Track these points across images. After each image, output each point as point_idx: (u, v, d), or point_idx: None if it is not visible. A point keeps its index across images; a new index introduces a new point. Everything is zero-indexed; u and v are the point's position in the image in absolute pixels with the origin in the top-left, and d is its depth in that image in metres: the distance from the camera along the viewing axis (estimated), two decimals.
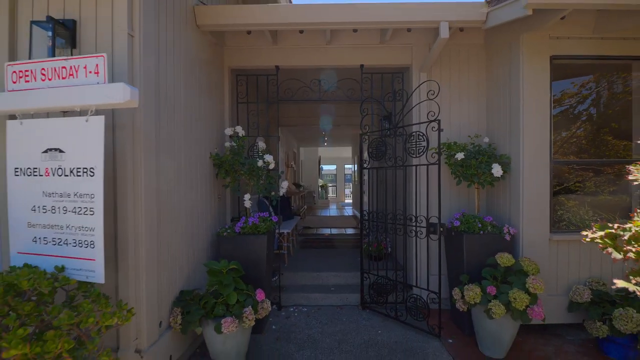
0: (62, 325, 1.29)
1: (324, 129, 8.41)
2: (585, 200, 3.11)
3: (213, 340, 2.30)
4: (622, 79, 3.22)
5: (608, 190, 3.11)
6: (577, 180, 3.16)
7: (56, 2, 2.01)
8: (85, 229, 1.57)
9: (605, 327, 2.58)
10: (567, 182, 3.16)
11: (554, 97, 3.06)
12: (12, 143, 1.69)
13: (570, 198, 3.13)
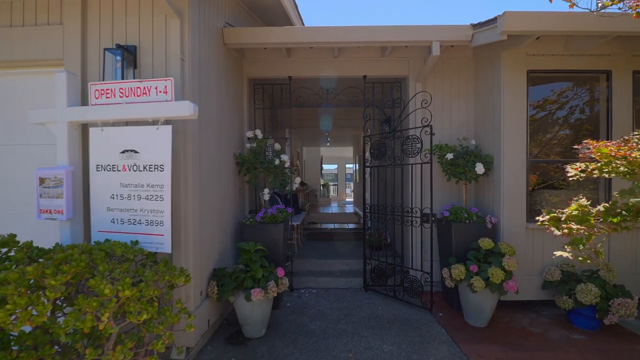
0: (148, 280, 1.77)
1: (327, 131, 8.88)
2: (562, 194, 3.59)
3: (242, 308, 2.79)
4: (590, 89, 3.70)
5: (585, 186, 3.59)
6: (558, 178, 3.64)
7: (119, 31, 2.49)
8: (156, 211, 2.05)
9: (570, 301, 3.07)
10: (549, 179, 3.65)
11: (533, 104, 3.55)
12: (94, 145, 2.17)
13: (552, 193, 3.61)
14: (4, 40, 2.54)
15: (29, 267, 1.50)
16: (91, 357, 1.45)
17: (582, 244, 1.82)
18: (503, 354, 2.66)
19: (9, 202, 2.65)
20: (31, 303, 1.39)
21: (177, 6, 2.39)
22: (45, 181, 2.10)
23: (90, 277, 1.63)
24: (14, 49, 2.54)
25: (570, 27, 2.80)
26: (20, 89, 2.66)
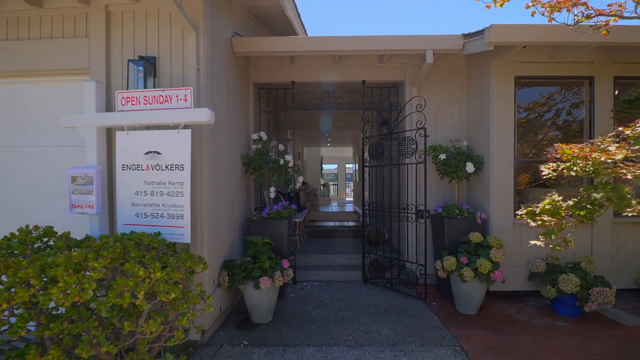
0: (173, 265, 2.01)
1: (327, 132, 9.13)
2: (552, 192, 3.83)
3: (251, 296, 3.04)
4: (576, 93, 3.95)
5: (574, 184, 3.83)
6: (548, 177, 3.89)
7: (140, 43, 2.74)
8: (176, 206, 2.30)
9: (553, 290, 3.32)
10: (540, 178, 3.88)
11: (524, 106, 3.81)
12: (121, 147, 2.42)
13: (542, 191, 3.85)
14: (35, 51, 2.79)
15: (74, 252, 1.75)
16: (129, 328, 1.69)
17: (553, 234, 2.07)
18: (490, 337, 2.91)
19: (30, 198, 2.90)
20: (79, 282, 1.64)
21: (193, 21, 2.63)
22: (76, 179, 2.35)
23: (124, 262, 1.87)
24: (43, 58, 2.79)
25: (551, 38, 3.05)
26: (49, 95, 2.91)
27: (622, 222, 3.74)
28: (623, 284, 3.74)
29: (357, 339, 2.84)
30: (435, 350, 2.66)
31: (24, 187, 2.92)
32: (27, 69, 2.83)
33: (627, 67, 3.74)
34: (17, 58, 2.81)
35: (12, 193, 2.93)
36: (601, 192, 1.83)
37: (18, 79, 2.89)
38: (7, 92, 2.93)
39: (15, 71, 2.86)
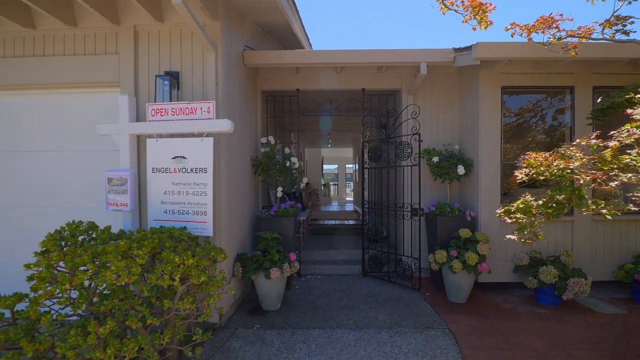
0: (200, 254, 2.35)
1: (329, 134, 9.47)
2: (541, 192, 4.17)
3: (262, 285, 3.38)
4: (561, 100, 4.28)
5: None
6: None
7: (164, 59, 3.08)
8: (200, 204, 2.64)
9: (535, 280, 3.66)
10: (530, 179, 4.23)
11: (515, 111, 4.15)
12: (151, 153, 2.76)
13: (532, 191, 4.17)
14: (71, 66, 3.13)
15: (120, 242, 2.09)
16: (168, 305, 2.04)
17: (526, 229, 2.41)
18: (476, 321, 3.25)
19: (61, 196, 3.24)
20: (127, 266, 1.98)
21: (212, 40, 2.97)
22: (112, 180, 2.69)
23: (160, 251, 2.22)
24: (78, 73, 3.13)
25: (531, 54, 3.39)
26: (82, 105, 3.25)
27: (600, 219, 4.08)
28: (602, 277, 4.08)
29: (357, 323, 3.19)
30: (426, 332, 3.01)
31: (55, 187, 3.26)
32: (63, 81, 3.17)
33: (605, 77, 4.08)
34: (55, 72, 3.15)
35: (45, 192, 3.28)
36: (563, 194, 2.17)
37: (56, 90, 3.23)
38: (44, 102, 3.28)
39: (52, 83, 3.19)
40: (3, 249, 3.27)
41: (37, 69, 3.17)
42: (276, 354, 2.65)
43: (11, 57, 3.23)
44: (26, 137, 3.30)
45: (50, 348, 1.77)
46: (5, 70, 3.20)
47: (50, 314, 1.88)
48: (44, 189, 3.28)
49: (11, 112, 3.33)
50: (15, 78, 3.20)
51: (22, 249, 3.04)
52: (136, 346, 1.84)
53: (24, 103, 3.31)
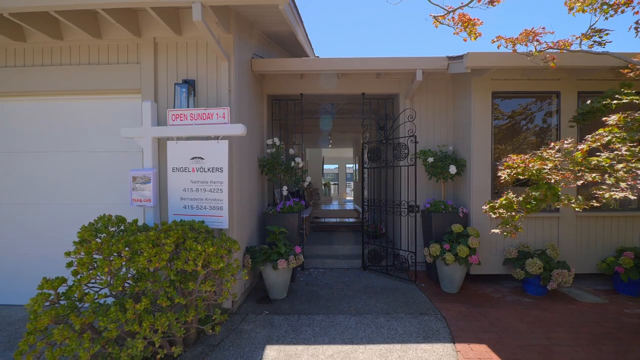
0: (218, 244, 2.65)
1: (330, 135, 9.76)
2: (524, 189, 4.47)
3: (269, 275, 3.67)
4: (549, 103, 4.56)
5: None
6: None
7: (181, 68, 3.37)
8: (217, 200, 2.93)
9: (522, 272, 3.95)
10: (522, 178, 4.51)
11: (507, 113, 4.43)
12: (171, 154, 3.05)
13: (523, 190, 4.47)
14: (97, 74, 3.42)
15: (150, 232, 2.38)
16: (192, 287, 2.33)
17: (508, 223, 2.70)
18: (466, 309, 3.55)
19: (82, 194, 3.54)
20: (157, 253, 2.27)
21: (226, 51, 3.26)
22: (136, 179, 2.99)
23: (184, 240, 2.51)
24: (104, 80, 3.42)
25: (516, 64, 3.67)
26: (105, 110, 3.54)
27: (584, 215, 4.37)
28: (586, 269, 4.38)
29: (358, 310, 3.48)
30: (420, 317, 3.30)
31: (80, 186, 3.56)
32: (87, 88, 3.46)
33: (589, 83, 4.37)
34: (81, 80, 3.44)
35: (70, 190, 3.57)
36: (539, 191, 2.46)
37: (81, 96, 3.52)
38: (71, 107, 3.57)
39: (77, 90, 3.48)
40: (27, 243, 3.58)
41: (65, 77, 3.46)
42: (284, 335, 2.94)
43: (40, 65, 3.52)
44: (51, 139, 3.60)
45: (94, 322, 2.06)
46: (34, 78, 3.49)
47: (91, 294, 2.17)
48: (65, 187, 3.58)
49: (37, 117, 3.61)
50: (40, 85, 3.49)
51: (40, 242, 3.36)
52: (167, 321, 2.14)
53: (48, 108, 3.60)
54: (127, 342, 2.03)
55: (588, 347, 2.78)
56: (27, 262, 3.56)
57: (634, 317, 3.39)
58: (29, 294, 2.25)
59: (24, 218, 3.59)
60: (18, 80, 3.48)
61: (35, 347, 1.93)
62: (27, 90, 3.50)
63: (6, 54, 3.55)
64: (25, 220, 3.59)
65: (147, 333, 2.06)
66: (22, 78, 3.49)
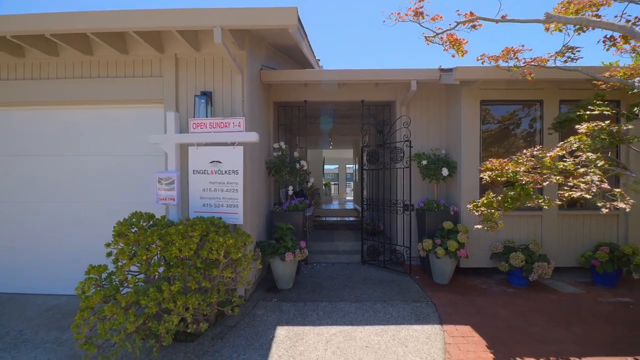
0: (235, 237, 3.04)
1: (330, 137, 10.16)
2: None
3: (278, 267, 4.07)
4: (535, 110, 4.95)
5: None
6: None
7: (200, 81, 3.76)
8: (233, 199, 3.33)
9: (506, 265, 4.35)
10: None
11: (498, 118, 4.82)
12: (192, 158, 3.44)
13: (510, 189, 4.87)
14: (125, 86, 3.81)
15: (179, 226, 2.78)
16: (215, 273, 2.73)
17: (489, 219, 3.09)
18: (454, 297, 3.94)
19: (105, 195, 3.93)
20: (186, 244, 2.67)
21: (240, 66, 3.66)
22: (162, 180, 3.38)
23: (207, 233, 2.90)
24: (130, 91, 3.81)
25: (500, 76, 4.05)
26: (130, 118, 3.93)
27: (565, 214, 4.77)
28: (567, 263, 4.77)
29: (357, 298, 3.88)
30: (413, 304, 3.70)
31: (106, 186, 3.95)
32: (116, 99, 3.85)
33: (570, 92, 4.76)
34: (112, 90, 3.83)
35: (97, 190, 3.97)
36: (514, 191, 2.85)
37: (109, 105, 3.92)
38: (99, 116, 3.96)
39: (106, 100, 3.87)
40: (56, 237, 3.97)
41: (94, 88, 3.85)
42: (292, 318, 3.33)
43: (71, 78, 3.91)
44: (81, 144, 3.99)
45: (136, 301, 2.45)
46: (66, 90, 3.88)
47: (133, 278, 2.57)
48: (93, 187, 3.98)
49: (68, 124, 4.01)
50: (71, 96, 3.88)
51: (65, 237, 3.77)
52: (196, 301, 2.53)
53: (74, 117, 3.99)
54: (164, 317, 2.42)
55: (559, 328, 3.18)
56: (69, 251, 3.95)
57: (605, 305, 3.79)
58: (69, 282, 2.64)
59: (73, 215, 4.00)
60: (54, 91, 3.87)
61: (89, 321, 2.32)
62: (60, 101, 3.89)
63: (40, 67, 3.94)
64: (74, 216, 4.00)
65: (180, 310, 2.46)
66: (57, 90, 3.88)
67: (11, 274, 4.02)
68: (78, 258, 3.64)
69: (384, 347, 2.80)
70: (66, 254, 3.95)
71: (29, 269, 4.00)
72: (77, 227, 3.96)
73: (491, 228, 3.10)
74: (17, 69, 3.94)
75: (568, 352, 2.76)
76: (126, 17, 3.08)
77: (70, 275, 3.73)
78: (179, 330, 2.73)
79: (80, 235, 3.94)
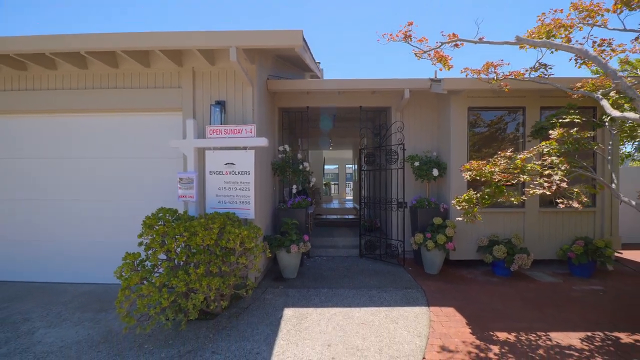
0: (249, 229, 3.48)
1: (330, 139, 10.61)
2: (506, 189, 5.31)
3: (283, 258, 4.52)
4: (521, 114, 5.39)
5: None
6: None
7: (214, 91, 4.21)
8: (245, 196, 3.78)
9: (490, 256, 4.80)
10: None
11: (487, 123, 5.28)
12: (209, 160, 3.89)
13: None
14: (147, 96, 4.26)
15: (201, 220, 3.23)
16: (232, 259, 3.18)
17: (469, 213, 3.53)
18: (442, 285, 4.39)
19: (130, 195, 4.39)
20: (207, 234, 3.12)
21: (250, 78, 4.11)
22: (182, 180, 3.83)
23: (224, 226, 3.35)
24: (150, 100, 4.26)
25: (483, 87, 4.51)
26: (152, 123, 4.38)
27: (545, 211, 5.22)
28: (548, 256, 5.22)
29: (355, 285, 4.33)
30: (404, 290, 4.15)
31: (129, 186, 4.40)
32: (138, 107, 4.30)
33: (549, 99, 5.21)
34: (135, 100, 4.28)
35: (122, 190, 4.42)
36: (489, 189, 3.30)
37: (132, 113, 4.37)
38: (123, 122, 4.42)
39: (129, 108, 4.33)
40: (87, 232, 4.43)
41: (119, 97, 4.30)
42: (297, 302, 3.79)
43: (98, 88, 4.37)
44: (106, 147, 4.44)
45: (167, 281, 2.90)
46: (95, 99, 4.33)
47: (164, 262, 3.02)
48: (120, 187, 4.43)
49: (96, 130, 4.46)
50: (99, 104, 4.33)
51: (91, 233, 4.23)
52: (218, 282, 2.98)
53: (103, 123, 4.45)
54: (191, 296, 2.88)
55: (533, 310, 3.63)
56: (93, 243, 4.41)
57: (577, 292, 4.24)
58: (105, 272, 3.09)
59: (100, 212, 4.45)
60: (83, 100, 4.32)
61: (129, 297, 2.77)
62: (88, 108, 4.34)
63: (70, 78, 4.39)
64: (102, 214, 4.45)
65: (204, 289, 2.91)
66: (86, 99, 4.33)
67: (43, 265, 4.47)
68: (99, 249, 4.10)
69: (377, 324, 3.26)
70: (90, 246, 4.40)
71: (58, 260, 4.46)
72: (99, 223, 4.41)
73: (470, 220, 3.54)
74: (49, 80, 4.39)
75: (536, 328, 3.22)
76: (152, 38, 3.54)
77: (93, 266, 4.22)
78: (201, 309, 3.18)
79: (102, 230, 4.39)
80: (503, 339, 3.01)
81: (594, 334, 3.11)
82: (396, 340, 2.93)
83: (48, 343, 3.01)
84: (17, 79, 4.42)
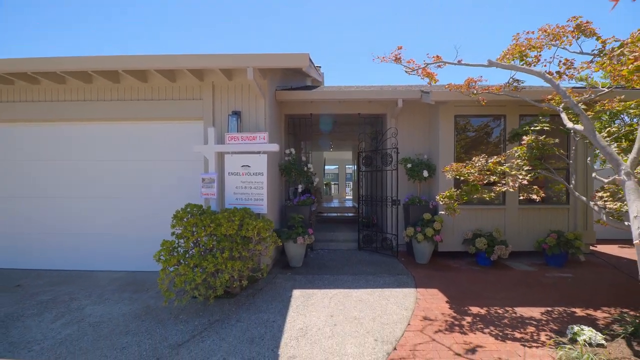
0: (263, 221, 4.10)
1: (331, 141, 11.24)
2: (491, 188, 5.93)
3: (290, 249, 5.14)
4: (499, 122, 6.02)
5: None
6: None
7: (231, 103, 4.84)
8: (259, 194, 4.40)
9: (473, 248, 5.42)
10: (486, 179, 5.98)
11: (475, 127, 5.90)
12: (227, 163, 4.52)
13: (486, 187, 5.95)
14: (172, 106, 4.88)
15: (225, 213, 3.85)
16: (250, 247, 3.81)
17: (450, 207, 4.16)
18: (430, 272, 5.02)
19: (150, 195, 5.01)
20: (230, 225, 3.74)
21: (263, 92, 4.73)
22: (204, 180, 4.46)
23: (243, 218, 3.98)
24: (175, 110, 4.89)
25: (466, 98, 5.13)
26: (176, 130, 5.01)
27: (524, 207, 5.84)
28: (526, 248, 5.84)
29: (354, 272, 4.96)
30: (396, 276, 4.78)
31: (152, 186, 5.02)
32: (164, 116, 4.92)
33: (527, 108, 5.83)
34: (162, 110, 4.90)
35: (144, 191, 5.04)
36: (467, 187, 3.92)
37: (158, 122, 4.99)
38: (149, 129, 5.04)
39: (156, 117, 4.95)
40: (121, 225, 5.05)
41: (148, 108, 4.93)
42: (304, 285, 4.41)
43: (129, 100, 4.99)
44: (136, 152, 5.07)
45: (199, 263, 3.52)
46: (127, 109, 4.95)
47: (197, 248, 3.65)
48: (143, 187, 5.06)
49: (129, 136, 5.08)
50: (129, 115, 4.95)
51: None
52: (240, 264, 3.61)
53: (133, 130, 5.07)
54: (219, 275, 3.50)
55: (505, 292, 4.25)
56: (124, 234, 5.03)
57: (549, 278, 4.86)
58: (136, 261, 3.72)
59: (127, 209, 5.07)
60: (116, 110, 4.94)
61: (169, 275, 3.40)
62: (121, 118, 4.97)
63: (104, 91, 5.02)
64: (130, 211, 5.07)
65: (229, 270, 3.53)
66: (118, 110, 4.95)
67: (82, 254, 5.09)
68: (130, 240, 4.72)
69: (372, 301, 3.88)
70: (123, 237, 5.02)
71: (99, 249, 5.08)
72: (132, 217, 5.04)
73: (451, 214, 4.16)
74: (85, 92, 5.01)
75: (505, 304, 3.83)
76: (183, 60, 4.16)
77: (124, 256, 4.84)
78: (224, 290, 3.80)
79: (134, 223, 5.02)
80: (476, 312, 3.63)
81: (553, 309, 3.73)
82: (387, 312, 3.56)
83: (98, 315, 3.63)
84: (56, 92, 5.04)
